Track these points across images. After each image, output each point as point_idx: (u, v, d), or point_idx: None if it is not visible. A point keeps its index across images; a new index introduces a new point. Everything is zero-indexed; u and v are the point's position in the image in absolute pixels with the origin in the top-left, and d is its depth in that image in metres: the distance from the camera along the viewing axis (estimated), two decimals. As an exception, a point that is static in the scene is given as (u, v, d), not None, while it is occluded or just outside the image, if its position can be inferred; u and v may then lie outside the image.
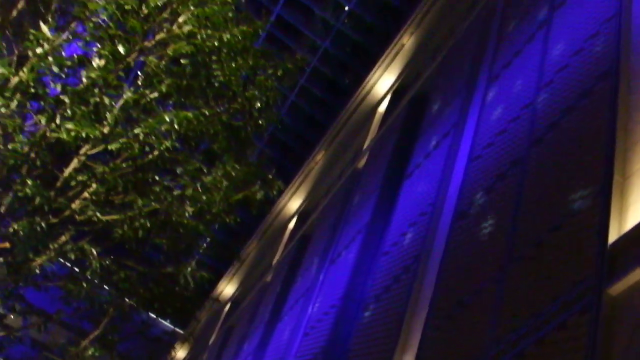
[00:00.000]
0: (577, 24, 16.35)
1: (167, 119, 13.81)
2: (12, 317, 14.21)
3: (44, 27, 13.16)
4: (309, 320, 25.50)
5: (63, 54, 13.47)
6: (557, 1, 18.38)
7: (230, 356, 39.39)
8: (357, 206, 27.82)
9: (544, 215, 13.00)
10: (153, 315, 16.20)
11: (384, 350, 17.13)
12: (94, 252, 13.44)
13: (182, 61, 15.43)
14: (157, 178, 14.81)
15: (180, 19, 14.98)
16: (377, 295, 19.80)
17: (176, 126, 13.92)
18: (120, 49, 13.82)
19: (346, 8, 54.15)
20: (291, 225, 43.83)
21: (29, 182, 12.67)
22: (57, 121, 12.85)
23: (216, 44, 15.33)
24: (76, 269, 14.56)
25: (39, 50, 12.84)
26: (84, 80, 13.37)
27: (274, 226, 46.02)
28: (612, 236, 10.69)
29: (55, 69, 13.16)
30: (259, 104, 16.40)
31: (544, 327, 10.92)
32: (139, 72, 15.01)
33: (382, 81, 35.95)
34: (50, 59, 12.98)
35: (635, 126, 12.05)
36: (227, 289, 53.15)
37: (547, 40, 17.48)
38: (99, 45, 13.67)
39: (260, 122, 16.64)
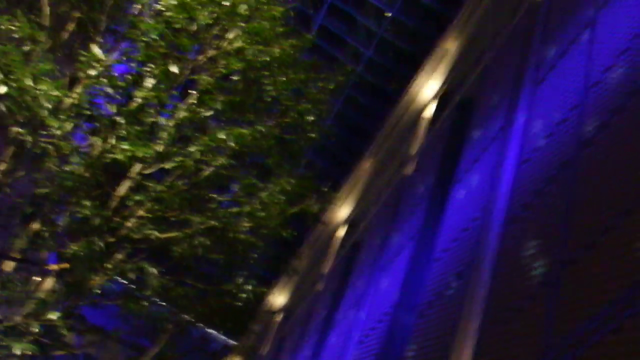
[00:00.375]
0: (622, 23, 16.26)
1: (222, 136, 13.93)
2: (71, 336, 14.40)
3: (96, 49, 13.37)
4: (363, 328, 25.55)
5: (115, 74, 13.67)
6: (601, 1, 18.28)
7: (285, 365, 39.58)
8: (407, 213, 27.82)
9: (596, 216, 12.94)
10: (209, 330, 16.31)
11: (438, 357, 17.12)
12: (154, 272, 13.59)
13: (234, 77, 15.56)
14: (213, 195, 14.95)
15: (230, 35, 15.12)
16: (429, 302, 19.79)
17: (232, 143, 14.04)
18: (174, 68, 13.99)
19: (388, 15, 54.12)
20: (341, 233, 43.90)
21: (87, 203, 12.85)
22: (112, 141, 13.03)
23: (267, 59, 15.46)
24: (133, 286, 14.72)
25: (92, 72, 13.05)
26: (138, 100, 13.56)
27: (324, 235, 46.13)
28: (667, 237, 10.63)
29: (109, 90, 13.36)
30: (311, 117, 16.50)
31: (600, 330, 10.88)
32: (189, 91, 15.16)
33: (428, 87, 35.92)
34: (103, 80, 13.18)
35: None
36: (279, 299, 53.36)
37: (593, 41, 17.40)
38: (152, 65, 13.85)
39: (312, 135, 16.74)
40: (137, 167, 14.24)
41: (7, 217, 16.46)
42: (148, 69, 13.93)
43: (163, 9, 14.77)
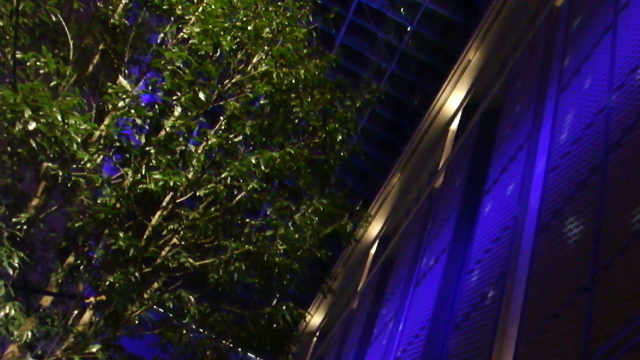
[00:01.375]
0: (643, 25, 16.25)
1: (253, 161, 14.00)
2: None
3: (123, 80, 13.51)
4: (400, 343, 25.52)
5: (142, 104, 13.79)
6: (621, 3, 18.26)
7: (324, 386, 39.56)
8: (438, 226, 27.81)
9: (629, 220, 12.91)
10: (249, 354, 16.31)
11: (478, 369, 17.09)
12: (192, 299, 13.62)
13: (261, 101, 15.66)
14: (246, 220, 15.00)
15: (255, 60, 15.24)
16: (466, 314, 19.76)
17: (262, 167, 14.09)
18: (201, 95, 14.10)
19: (408, 29, 54.22)
20: (373, 250, 43.93)
21: (121, 234, 12.94)
22: (143, 171, 13.13)
23: (293, 80, 15.53)
24: (171, 315, 14.76)
25: (120, 103, 13.18)
26: (167, 128, 13.66)
27: (356, 253, 46.16)
28: (700, 237, 10.60)
29: (138, 121, 13.48)
30: (340, 137, 16.55)
31: (638, 334, 10.84)
32: (220, 117, 15.26)
33: (452, 99, 35.95)
34: (131, 110, 13.30)
35: None
36: (315, 319, 53.37)
37: (615, 43, 17.38)
38: (178, 93, 13.96)
39: (342, 154, 16.80)
40: (169, 196, 14.34)
41: (42, 251, 16.61)
42: (175, 98, 14.04)
43: (186, 36, 14.91)
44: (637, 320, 11.02)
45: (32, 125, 11.91)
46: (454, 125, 35.10)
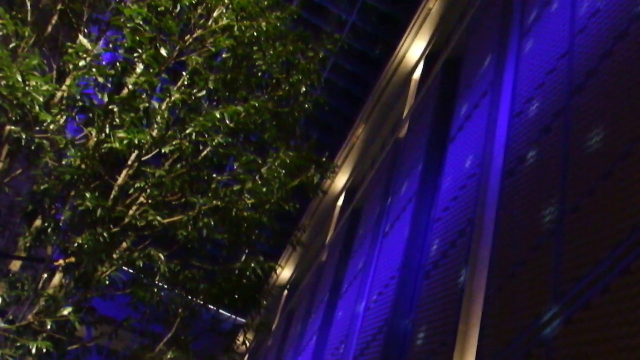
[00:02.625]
0: (603, -32, 16.24)
1: (217, 115, 13.92)
2: (82, 328, 14.41)
3: (83, 39, 13.31)
4: (370, 294, 25.68)
5: (103, 63, 13.62)
6: (579, -53, 18.23)
7: (295, 338, 39.78)
8: (404, 175, 27.88)
9: (594, 162, 13.00)
10: (220, 311, 16.32)
11: (448, 316, 17.23)
12: (161, 257, 13.58)
13: (223, 56, 15.55)
14: (213, 175, 14.95)
15: (215, 14, 15.08)
16: (435, 262, 19.89)
17: (227, 121, 14.02)
18: (163, 51, 13.94)
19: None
20: (340, 202, 44.02)
21: (87, 195, 12.83)
22: (107, 131, 13.00)
23: (254, 33, 15.44)
24: (141, 274, 14.70)
25: (81, 63, 12.99)
26: (129, 86, 13.51)
27: (324, 205, 46.23)
28: (666, 177, 10.70)
29: (100, 79, 13.31)
30: (303, 88, 16.52)
31: (607, 274, 10.97)
32: (183, 73, 15.13)
33: (414, 48, 35.88)
34: (93, 70, 13.12)
35: (675, 65, 12.01)
36: (284, 273, 53.56)
37: (576, -13, 17.37)
38: (139, 50, 13.78)
39: (306, 105, 16.78)
40: (134, 154, 14.23)
41: (8, 216, 16.47)
42: (136, 55, 13.87)
43: (145, -7, 14.70)
44: (605, 262, 11.14)
45: None
46: (417, 75, 35.07)
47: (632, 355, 9.60)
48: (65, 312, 12.43)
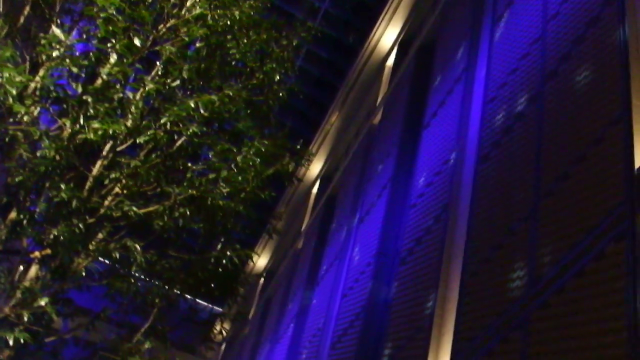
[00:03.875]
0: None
1: (192, 104, 13.91)
2: (59, 320, 14.39)
3: (56, 30, 13.25)
4: (346, 281, 25.73)
5: (77, 53, 13.57)
6: None
7: (272, 326, 39.82)
8: (379, 162, 27.92)
9: (567, 148, 13.09)
10: (198, 301, 16.35)
11: (424, 302, 17.32)
12: (138, 247, 13.58)
13: (197, 45, 15.55)
14: (188, 164, 14.95)
15: (189, 3, 15.06)
16: (410, 249, 19.96)
17: (202, 110, 14.01)
18: (136, 41, 13.91)
19: (340, -34, 53.84)
20: (315, 189, 44.03)
21: (63, 186, 12.79)
22: (82, 121, 12.96)
23: (228, 22, 15.43)
24: (117, 265, 14.69)
25: (54, 54, 12.94)
26: (103, 77, 13.48)
27: (299, 193, 46.24)
28: (638, 160, 10.77)
29: (74, 70, 13.26)
30: (277, 77, 16.55)
31: (582, 259, 11.06)
32: (157, 62, 15.11)
33: (387, 35, 35.88)
34: (67, 60, 13.07)
35: (647, 50, 12.09)
36: (260, 261, 53.56)
37: (547, -27, 17.42)
38: (113, 40, 13.75)
39: (280, 94, 16.80)
40: (109, 145, 14.20)
41: (-18, 209, 16.38)
42: (109, 45, 13.83)
43: (118, -18, 14.65)
44: (580, 246, 11.23)
45: None
46: (390, 62, 35.09)
47: (607, 338, 9.70)
48: (42, 302, 12.42)
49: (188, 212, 14.16)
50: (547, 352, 11.15)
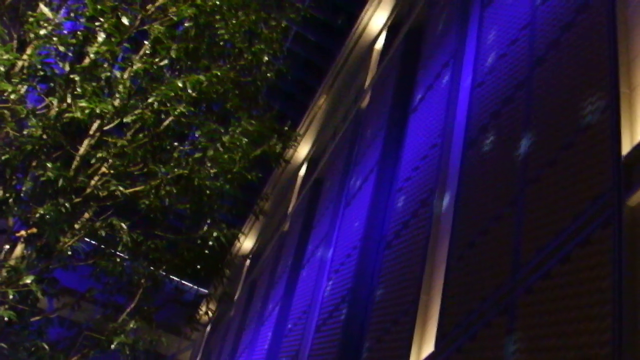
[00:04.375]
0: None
1: (179, 84, 13.86)
2: (44, 300, 14.38)
3: (44, 8, 13.19)
4: (332, 264, 25.75)
5: (65, 32, 13.52)
6: None
7: (257, 308, 39.84)
8: (366, 146, 27.91)
9: (555, 134, 13.10)
10: (183, 282, 16.35)
11: (410, 286, 17.35)
12: (124, 227, 13.57)
13: (186, 25, 15.47)
14: (175, 144, 14.91)
15: (178, -18, 15.01)
16: (396, 232, 19.99)
17: (189, 90, 13.97)
18: (124, 20, 13.85)
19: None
20: (302, 172, 44.00)
21: (49, 165, 12.76)
22: (69, 100, 12.91)
23: (217, 2, 15.36)
24: (103, 246, 14.67)
25: (42, 32, 12.89)
26: (91, 56, 13.42)
27: (286, 175, 46.21)
28: (626, 148, 10.80)
29: (61, 48, 13.20)
30: (266, 58, 16.49)
31: (568, 245, 11.09)
32: (145, 42, 15.04)
33: (376, 18, 35.79)
34: (55, 39, 13.02)
35: (636, 38, 12.09)
36: (246, 243, 53.55)
37: (537, -41, 17.40)
38: (101, 19, 13.68)
39: (268, 75, 16.75)
40: (96, 124, 14.14)
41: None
42: (97, 24, 13.76)
43: (106, -39, 14.58)
44: (566, 232, 11.27)
45: None
46: (379, 45, 35.03)
47: (591, 325, 9.74)
48: (28, 280, 12.39)
49: (174, 192, 14.13)
50: (532, 337, 11.19)
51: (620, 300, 9.37)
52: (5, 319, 12.07)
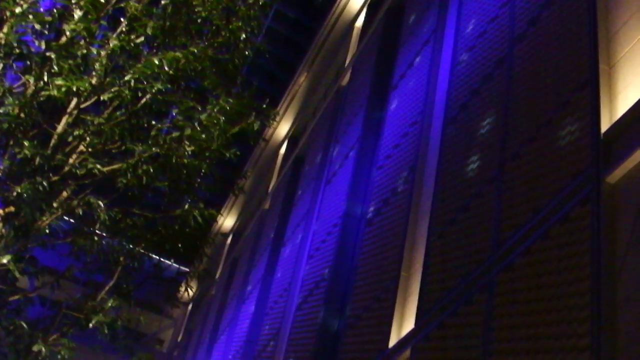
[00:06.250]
0: None
1: (156, 62, 13.76)
2: (24, 279, 14.31)
3: None
4: (313, 242, 25.77)
5: (41, 10, 13.39)
6: None
7: (239, 286, 39.87)
8: (346, 123, 27.88)
9: (534, 111, 13.11)
10: (163, 260, 16.31)
11: (391, 263, 17.38)
12: (101, 205, 13.50)
13: (162, 2, 15.33)
14: (152, 122, 14.81)
15: (154, -41, 14.87)
16: (377, 210, 20.01)
17: (166, 68, 13.88)
18: None
19: None
20: (282, 150, 43.95)
21: (26, 143, 12.67)
22: (45, 78, 12.80)
23: None
24: (81, 223, 14.61)
25: (18, 10, 12.75)
26: (67, 33, 13.30)
27: (266, 153, 46.16)
28: (605, 125, 10.81)
29: (37, 26, 13.08)
30: (244, 35, 16.36)
31: (547, 222, 11.12)
32: (121, 19, 14.92)
33: (356, -5, 35.72)
34: (31, 16, 12.89)
35: (614, 14, 12.09)
36: (227, 221, 53.54)
37: None
38: None
39: (246, 52, 16.63)
40: (73, 102, 14.03)
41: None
42: (74, 1, 13.63)
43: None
44: (545, 209, 11.29)
45: None
46: (359, 23, 34.94)
47: (570, 301, 9.77)
48: (5, 259, 12.31)
49: (152, 170, 14.05)
50: (511, 314, 11.23)
51: (598, 277, 9.40)
52: (-17, 298, 12.01)
